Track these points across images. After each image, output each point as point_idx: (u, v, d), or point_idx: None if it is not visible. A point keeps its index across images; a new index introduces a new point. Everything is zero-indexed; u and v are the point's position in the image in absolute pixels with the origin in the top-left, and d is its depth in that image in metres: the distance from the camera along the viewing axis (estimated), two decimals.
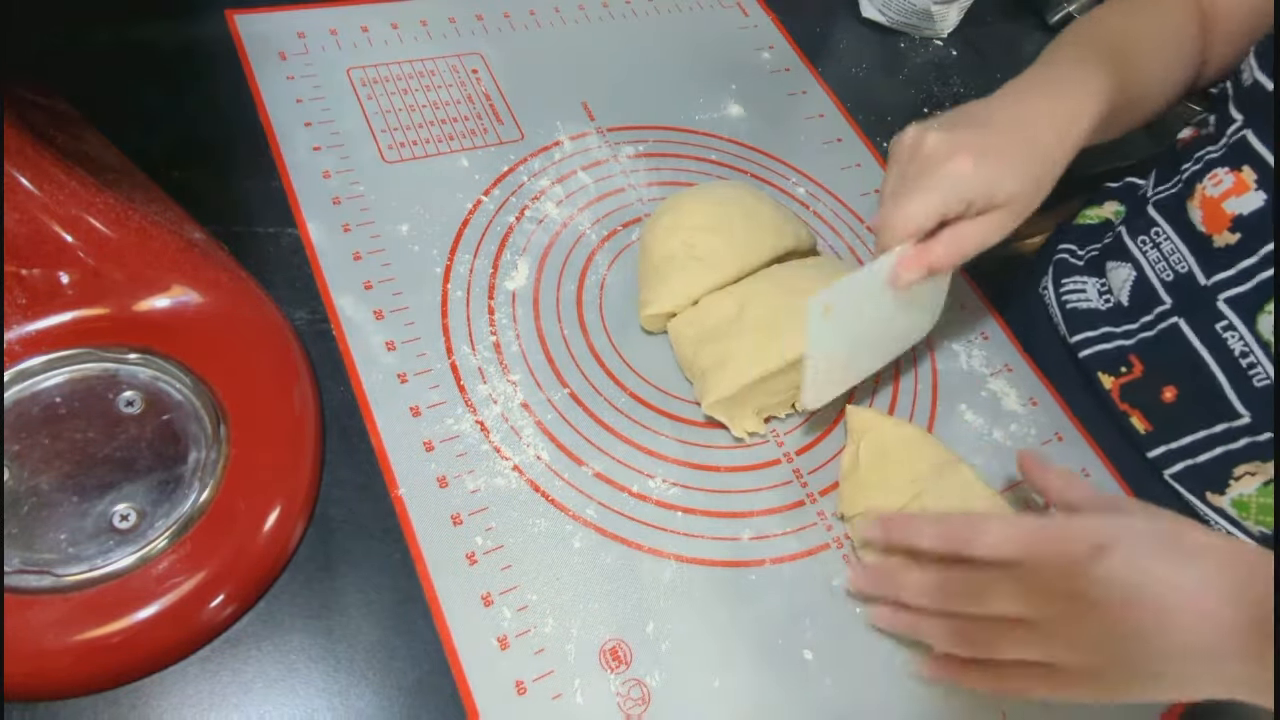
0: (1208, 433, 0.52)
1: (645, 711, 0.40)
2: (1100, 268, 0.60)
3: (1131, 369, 0.55)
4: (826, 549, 0.47)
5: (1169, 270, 0.54)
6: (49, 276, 0.40)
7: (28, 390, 0.39)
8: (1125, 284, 0.57)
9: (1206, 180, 0.52)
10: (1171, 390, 0.53)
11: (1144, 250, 0.56)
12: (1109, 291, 0.59)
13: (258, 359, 0.43)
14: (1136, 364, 0.55)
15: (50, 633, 0.34)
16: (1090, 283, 0.60)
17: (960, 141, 0.44)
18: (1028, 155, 0.45)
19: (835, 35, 0.75)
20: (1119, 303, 0.57)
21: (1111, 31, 0.54)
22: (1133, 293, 0.56)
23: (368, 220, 0.51)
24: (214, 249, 0.46)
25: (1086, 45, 0.52)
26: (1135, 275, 0.56)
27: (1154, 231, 0.56)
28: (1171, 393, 0.53)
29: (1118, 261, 0.58)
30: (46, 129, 0.43)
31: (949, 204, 0.43)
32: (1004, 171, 0.44)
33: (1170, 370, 0.53)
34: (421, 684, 0.39)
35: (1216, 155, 0.52)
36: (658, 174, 0.59)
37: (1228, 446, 0.51)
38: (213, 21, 0.57)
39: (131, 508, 0.38)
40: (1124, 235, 0.58)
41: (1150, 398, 0.54)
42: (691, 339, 0.49)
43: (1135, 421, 0.56)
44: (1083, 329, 0.59)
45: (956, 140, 0.44)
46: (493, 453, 0.45)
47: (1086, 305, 0.59)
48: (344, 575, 0.41)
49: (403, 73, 0.58)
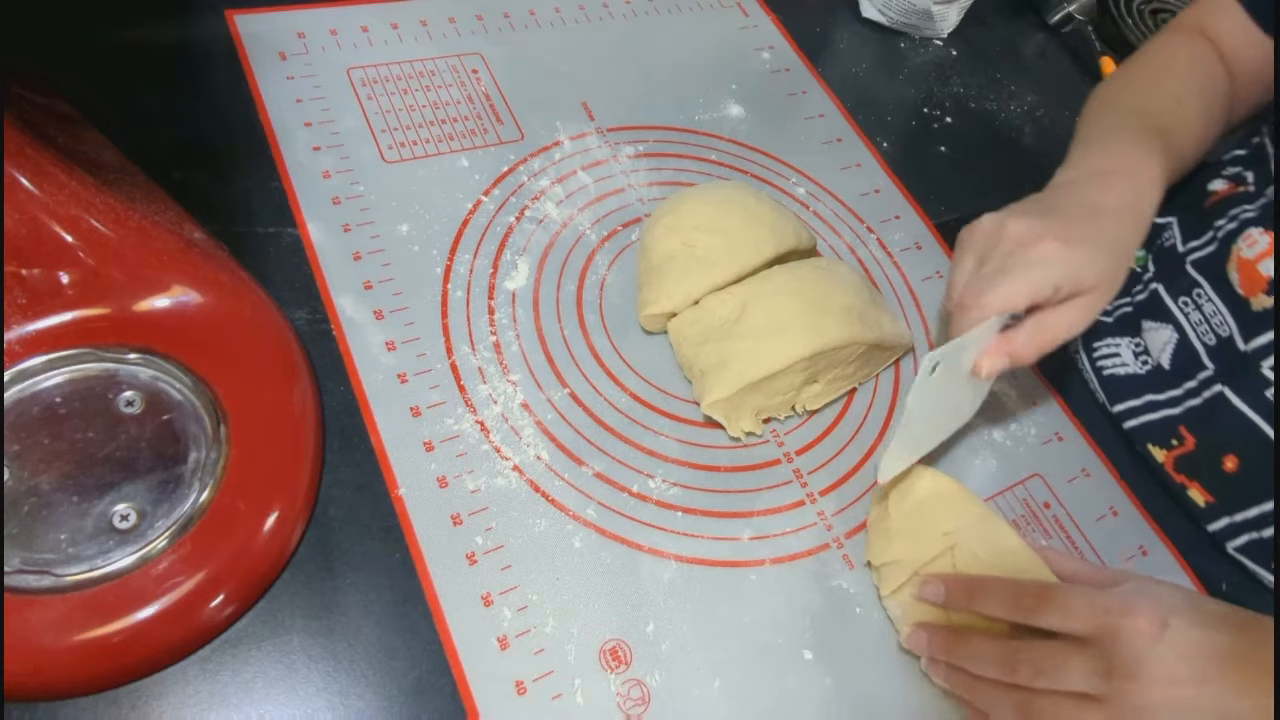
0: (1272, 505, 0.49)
1: (645, 711, 0.40)
2: (1133, 326, 0.58)
3: (1184, 442, 0.53)
4: (826, 549, 0.47)
5: (1211, 333, 0.52)
6: (49, 276, 0.40)
7: (28, 390, 0.39)
8: (1166, 346, 0.55)
9: (1241, 241, 0.51)
10: (1233, 460, 0.50)
11: (1185, 312, 0.54)
12: (1145, 353, 0.56)
13: (258, 359, 0.43)
14: (1188, 436, 0.52)
15: (50, 633, 0.34)
16: (1123, 344, 0.58)
17: (1045, 228, 0.43)
18: (1107, 244, 0.44)
19: (835, 35, 0.75)
20: (1159, 365, 0.55)
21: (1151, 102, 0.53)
22: (1175, 356, 0.54)
23: (368, 220, 0.51)
24: (214, 249, 0.46)
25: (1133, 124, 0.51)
26: (1177, 338, 0.54)
27: (1195, 293, 0.54)
28: (1233, 462, 0.50)
29: (1156, 322, 0.56)
30: (46, 129, 0.43)
31: (1039, 288, 0.42)
32: (1090, 256, 0.43)
33: (1226, 440, 0.51)
34: (421, 684, 0.39)
35: (1252, 214, 0.51)
36: (658, 174, 0.59)
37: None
38: (213, 21, 0.57)
39: (131, 508, 0.38)
40: (1162, 294, 0.56)
41: (1210, 469, 0.52)
42: (692, 339, 0.49)
43: (1194, 494, 0.53)
44: (1125, 397, 0.56)
45: (1041, 226, 0.43)
46: (493, 453, 0.45)
47: (1124, 370, 0.57)
48: (344, 575, 0.41)
49: (403, 73, 0.58)
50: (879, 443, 0.52)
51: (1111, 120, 0.53)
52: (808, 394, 0.51)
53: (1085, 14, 0.83)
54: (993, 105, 0.75)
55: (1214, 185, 0.58)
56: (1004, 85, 0.77)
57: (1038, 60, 0.82)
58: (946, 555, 0.45)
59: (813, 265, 0.52)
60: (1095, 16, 0.84)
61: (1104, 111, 0.54)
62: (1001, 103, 0.75)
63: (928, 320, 0.58)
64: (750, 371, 0.46)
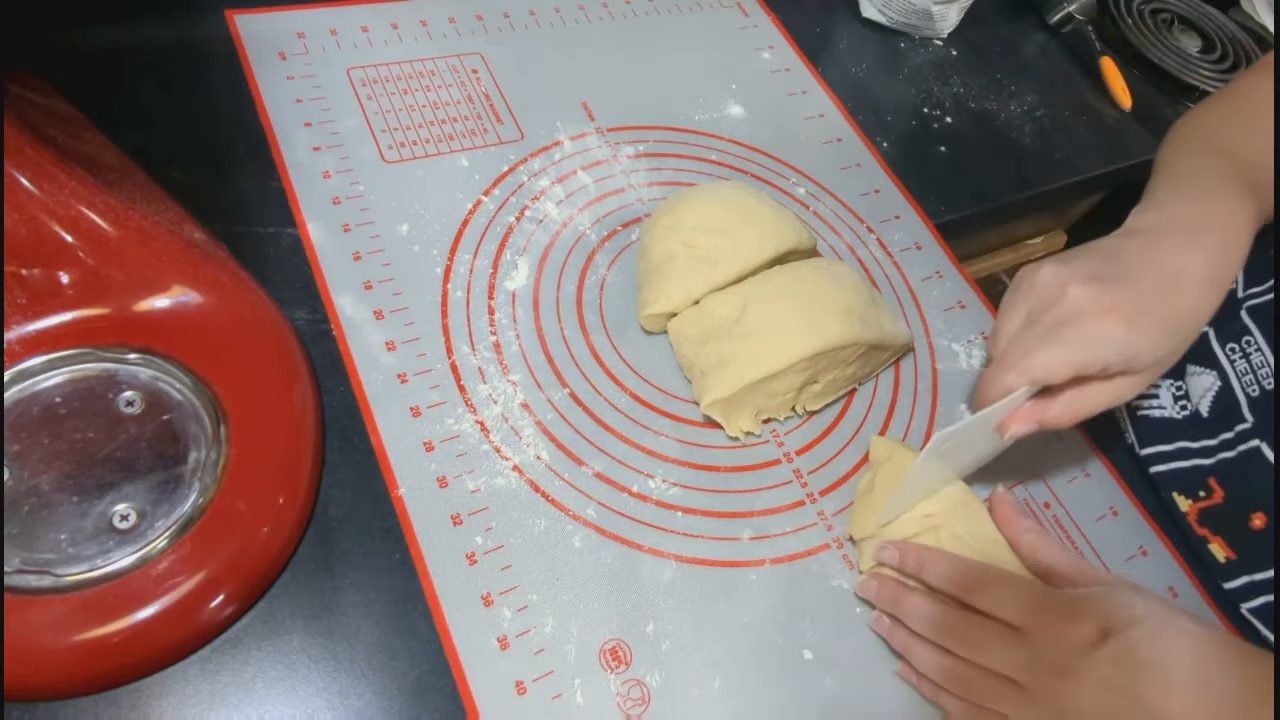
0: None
1: (645, 711, 0.40)
2: (1177, 368, 0.53)
3: (1211, 494, 0.51)
4: (826, 549, 0.47)
5: (1255, 385, 0.50)
6: (49, 276, 0.40)
7: (28, 390, 0.39)
8: (1207, 394, 0.52)
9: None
10: (1261, 518, 0.48)
11: (1232, 359, 0.51)
12: (1185, 397, 0.54)
13: (258, 359, 0.43)
14: (1217, 489, 0.50)
15: (50, 633, 0.34)
16: (1164, 385, 0.55)
17: (1112, 300, 0.40)
18: (1178, 323, 0.41)
19: (835, 35, 0.75)
20: (1197, 412, 0.52)
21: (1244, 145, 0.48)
22: (1214, 404, 0.52)
23: (368, 220, 0.51)
24: (214, 249, 0.46)
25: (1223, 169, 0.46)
26: (1219, 385, 0.52)
27: (1245, 340, 0.51)
28: (1261, 520, 0.48)
29: (1201, 367, 0.53)
30: (46, 129, 0.43)
31: (1088, 364, 0.40)
32: (1152, 339, 0.40)
33: (1257, 497, 0.48)
34: (421, 684, 0.39)
35: None
36: (658, 174, 0.59)
37: None
38: (213, 21, 0.57)
39: (131, 508, 0.38)
40: (1211, 338, 0.53)
41: (1236, 524, 0.50)
42: (692, 339, 0.49)
43: (1216, 549, 0.51)
44: (1156, 441, 0.54)
45: (1108, 297, 0.40)
46: (493, 453, 0.45)
47: (1160, 414, 0.55)
48: (344, 575, 0.41)
49: (403, 73, 0.58)
50: None
51: (1201, 160, 0.48)
52: (808, 394, 0.51)
53: (1085, 14, 0.83)
54: (993, 105, 0.75)
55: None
56: (1004, 85, 0.77)
57: (1038, 60, 0.82)
58: (929, 534, 0.45)
59: (813, 265, 0.52)
60: (1095, 16, 0.84)
61: (1192, 147, 0.49)
62: (1001, 103, 0.75)
63: (928, 320, 0.58)
64: (750, 372, 0.46)
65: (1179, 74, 0.83)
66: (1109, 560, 0.51)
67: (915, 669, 0.42)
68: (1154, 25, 0.88)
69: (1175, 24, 0.90)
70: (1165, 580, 0.51)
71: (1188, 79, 0.83)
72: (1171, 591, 0.51)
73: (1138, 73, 0.84)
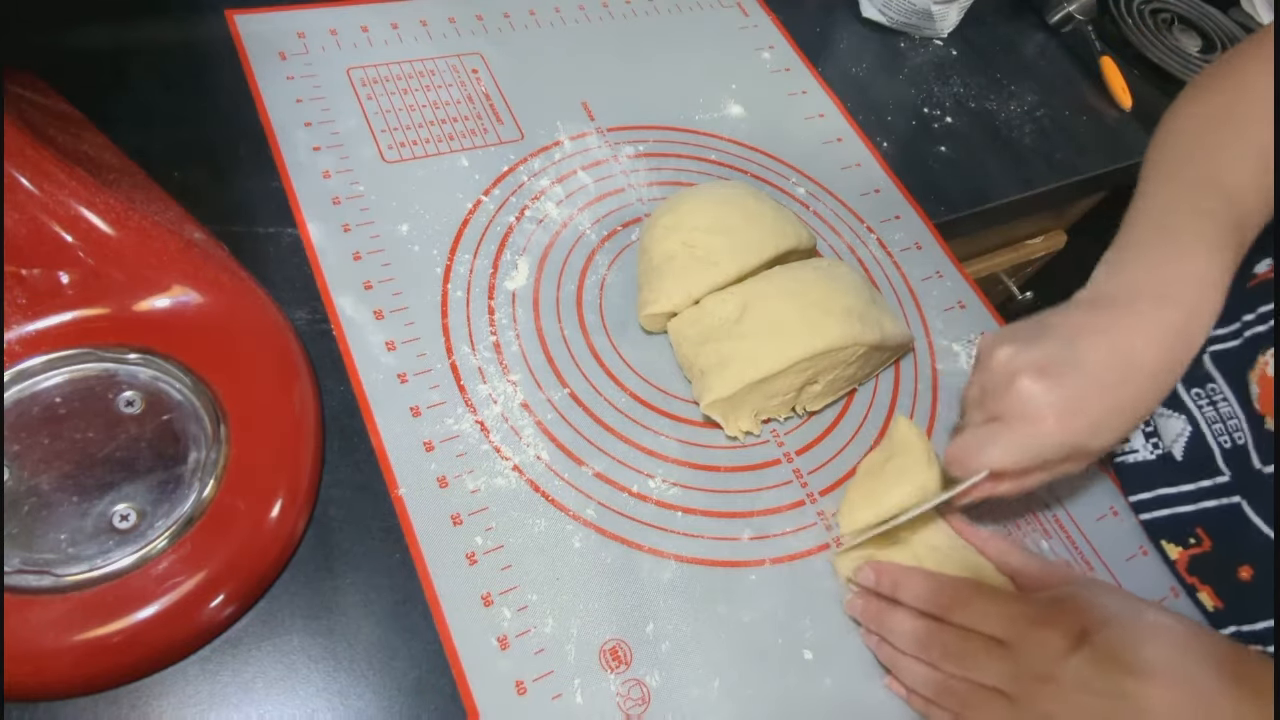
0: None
1: (645, 711, 0.40)
2: None
3: (1200, 543, 0.50)
4: (826, 549, 0.47)
5: (1227, 437, 0.48)
6: (49, 276, 0.40)
7: (28, 390, 0.39)
8: (1179, 438, 0.51)
9: (1269, 354, 0.46)
10: (1248, 570, 0.47)
11: (1199, 405, 0.50)
12: (1156, 435, 0.53)
13: (258, 359, 0.43)
14: (1204, 538, 0.49)
15: (50, 633, 0.34)
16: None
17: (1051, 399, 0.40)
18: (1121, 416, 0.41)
19: (835, 35, 0.75)
20: (1170, 454, 0.51)
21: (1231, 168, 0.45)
22: (1188, 450, 0.50)
23: (368, 220, 0.51)
24: (214, 249, 0.46)
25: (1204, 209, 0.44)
26: (1190, 430, 0.50)
27: (1210, 388, 0.49)
28: (1248, 572, 0.47)
29: (1170, 410, 0.52)
30: (46, 129, 0.43)
31: (1026, 463, 0.41)
32: (1099, 431, 0.41)
33: (1243, 550, 0.47)
34: (421, 684, 0.39)
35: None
36: (658, 174, 0.59)
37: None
38: (213, 21, 0.57)
39: (131, 508, 0.38)
40: (1177, 384, 0.51)
41: (1224, 575, 0.49)
42: (692, 339, 0.49)
43: (1204, 597, 0.50)
44: (1137, 489, 0.53)
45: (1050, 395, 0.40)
46: (493, 453, 0.45)
47: (1134, 458, 0.54)
48: (344, 575, 0.41)
49: (403, 73, 0.58)
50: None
51: (1181, 193, 0.45)
52: (807, 395, 0.51)
53: (1085, 14, 0.83)
54: (993, 105, 0.75)
55: (1259, 267, 0.51)
56: (1004, 85, 0.77)
57: (1038, 60, 0.82)
58: (902, 548, 0.46)
59: (814, 266, 0.52)
60: (1095, 16, 0.84)
61: (1171, 173, 0.47)
62: (1001, 103, 0.75)
63: (927, 320, 0.58)
64: (750, 372, 0.46)
65: (1179, 74, 0.83)
66: (1109, 560, 0.51)
67: (904, 683, 0.43)
68: (1154, 25, 0.88)
69: (1175, 24, 0.90)
70: (1165, 580, 0.51)
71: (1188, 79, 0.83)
72: (1173, 592, 0.51)
73: (1138, 73, 0.84)
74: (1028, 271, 0.97)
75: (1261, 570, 0.47)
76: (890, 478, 0.46)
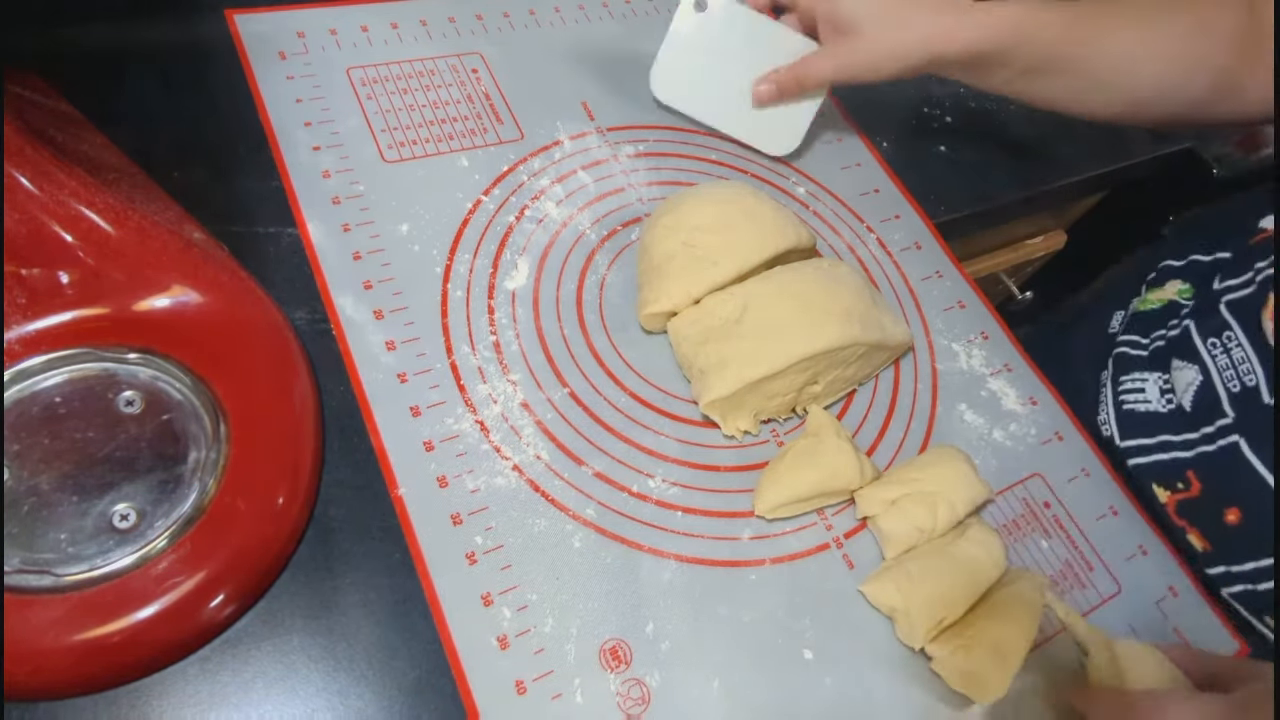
0: (1270, 561, 0.49)
1: (645, 711, 0.40)
2: (1165, 362, 0.56)
3: (1189, 487, 0.52)
4: (826, 549, 0.47)
5: (1237, 380, 0.50)
6: (49, 276, 0.40)
7: (28, 390, 0.39)
8: (1190, 388, 0.53)
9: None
10: (1235, 513, 0.50)
11: (1213, 354, 0.52)
12: (1171, 391, 0.55)
13: (258, 359, 0.43)
14: (1194, 481, 0.52)
15: (50, 633, 0.34)
16: (1151, 379, 0.57)
17: None
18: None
19: None
20: (1180, 406, 0.53)
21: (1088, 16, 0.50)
22: (1196, 399, 0.52)
23: (368, 220, 0.51)
24: (214, 249, 0.46)
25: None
26: (1201, 379, 0.52)
27: (1226, 335, 0.52)
28: (1235, 515, 0.50)
29: (1184, 362, 0.54)
30: (46, 129, 0.43)
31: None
32: None
33: (1233, 492, 0.50)
34: (421, 684, 0.39)
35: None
36: (658, 174, 0.59)
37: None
38: (213, 21, 0.57)
39: (131, 508, 0.38)
40: (1193, 332, 0.54)
41: (1211, 518, 0.51)
42: (692, 339, 0.49)
43: (1193, 539, 0.52)
44: (1138, 434, 0.55)
45: None
46: (493, 452, 0.45)
47: (1145, 408, 0.56)
48: (344, 575, 0.41)
49: (403, 72, 0.58)
50: (879, 442, 0.52)
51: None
52: (807, 395, 0.51)
53: None
54: (993, 105, 0.75)
55: (1264, 222, 0.55)
56: None
57: None
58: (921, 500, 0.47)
59: (814, 265, 0.52)
60: None
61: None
62: (1001, 102, 0.75)
63: (927, 320, 0.58)
64: (750, 371, 0.46)
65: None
66: (1109, 560, 0.51)
67: None
68: None
69: None
70: (1165, 580, 0.51)
71: None
72: (1171, 591, 0.51)
73: None
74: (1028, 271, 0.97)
75: (1250, 513, 0.49)
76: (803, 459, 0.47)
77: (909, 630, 0.44)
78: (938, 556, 0.45)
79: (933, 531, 0.46)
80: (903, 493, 0.47)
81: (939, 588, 0.44)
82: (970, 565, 0.45)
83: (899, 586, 0.44)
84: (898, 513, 0.47)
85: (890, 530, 0.47)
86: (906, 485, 0.47)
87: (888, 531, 0.47)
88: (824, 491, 0.47)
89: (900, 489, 0.47)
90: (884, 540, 0.47)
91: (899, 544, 0.47)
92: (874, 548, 0.48)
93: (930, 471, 0.48)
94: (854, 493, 0.48)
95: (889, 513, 0.47)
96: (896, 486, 0.47)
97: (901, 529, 0.46)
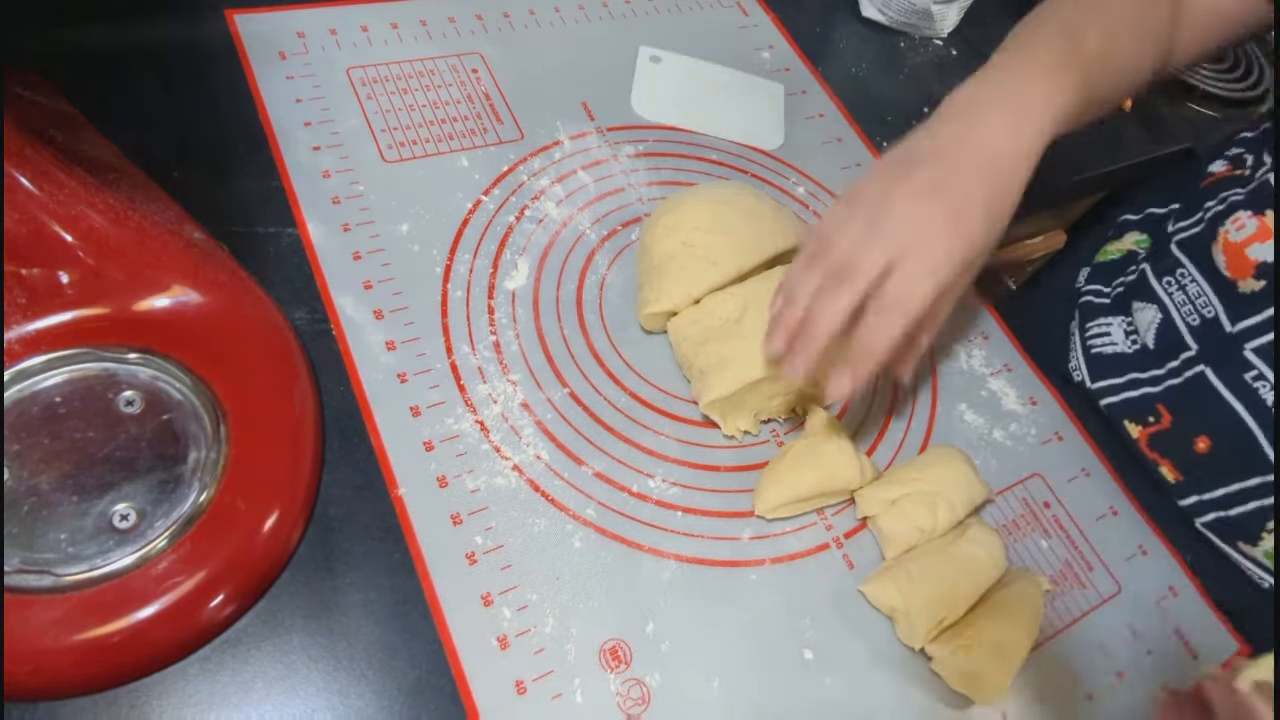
0: (1241, 486, 0.50)
1: (645, 711, 0.40)
2: (1126, 306, 0.58)
3: (1160, 419, 0.53)
4: (826, 549, 0.47)
5: (1195, 314, 0.52)
6: (49, 276, 0.40)
7: (28, 390, 0.39)
8: (1151, 326, 0.55)
9: (1229, 223, 0.51)
10: (1205, 441, 0.51)
11: (1169, 292, 0.54)
12: (1135, 332, 0.57)
13: (258, 359, 0.43)
14: (1164, 414, 0.53)
15: (50, 633, 0.34)
16: (1115, 323, 0.59)
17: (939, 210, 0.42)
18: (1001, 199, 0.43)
19: (835, 35, 0.75)
20: (1145, 345, 0.55)
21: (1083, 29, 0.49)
22: (1158, 335, 0.54)
23: (368, 220, 0.51)
24: (214, 249, 0.46)
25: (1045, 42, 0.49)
26: (1161, 317, 0.54)
27: (1179, 273, 0.54)
28: (1205, 443, 0.51)
29: (1143, 302, 0.56)
30: (46, 129, 0.43)
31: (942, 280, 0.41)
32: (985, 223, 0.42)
33: (1201, 421, 0.51)
34: (421, 684, 0.39)
35: (1241, 197, 0.51)
36: (658, 174, 0.59)
37: (1262, 501, 0.49)
38: (213, 21, 0.57)
39: (131, 508, 0.38)
40: (1149, 274, 0.56)
41: (1182, 448, 0.52)
42: (692, 339, 0.49)
43: (1165, 471, 0.54)
44: (1107, 375, 0.57)
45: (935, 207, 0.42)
46: (493, 452, 0.45)
47: (1112, 350, 0.58)
48: (344, 575, 0.41)
49: (403, 73, 0.58)
50: (879, 442, 0.52)
51: (1028, 38, 0.50)
52: (807, 395, 0.50)
53: None
54: None
55: (1214, 167, 0.57)
56: None
57: None
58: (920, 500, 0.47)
59: None
60: None
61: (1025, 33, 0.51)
62: None
63: None
64: (750, 371, 0.46)
65: (1179, 74, 0.83)
66: (1109, 560, 0.51)
67: None
68: None
69: None
70: (1165, 580, 0.51)
71: (1188, 79, 0.83)
72: (1171, 591, 0.51)
73: None
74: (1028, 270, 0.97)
75: (1218, 439, 0.51)
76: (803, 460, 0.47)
77: (909, 630, 0.44)
78: (938, 556, 0.45)
79: (933, 531, 0.46)
80: (903, 493, 0.47)
81: (939, 588, 0.44)
82: (970, 565, 0.45)
83: (899, 586, 0.44)
84: (898, 513, 0.47)
85: (890, 530, 0.47)
86: (906, 485, 0.47)
87: (888, 531, 0.47)
88: (824, 491, 0.47)
89: (900, 489, 0.47)
90: (884, 540, 0.47)
91: (899, 544, 0.47)
92: (874, 548, 0.48)
93: (930, 471, 0.48)
94: (854, 493, 0.48)
95: (889, 513, 0.47)
96: (896, 486, 0.47)
97: (901, 529, 0.46)
